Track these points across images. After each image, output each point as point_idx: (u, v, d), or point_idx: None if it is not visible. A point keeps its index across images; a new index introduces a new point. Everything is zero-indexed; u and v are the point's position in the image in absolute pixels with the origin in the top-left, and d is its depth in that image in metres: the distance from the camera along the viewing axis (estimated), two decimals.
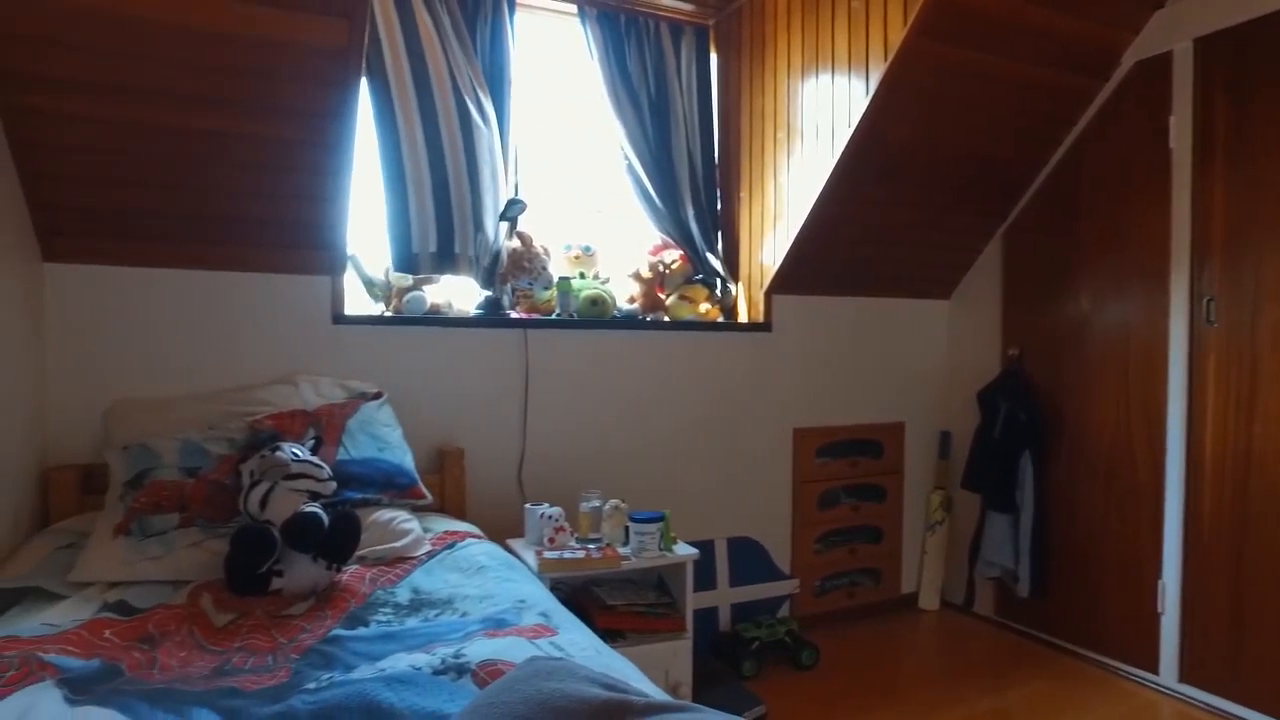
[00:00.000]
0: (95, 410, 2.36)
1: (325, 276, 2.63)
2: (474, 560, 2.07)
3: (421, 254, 2.81)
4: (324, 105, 2.22)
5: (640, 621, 2.41)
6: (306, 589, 1.88)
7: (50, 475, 2.27)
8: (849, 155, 2.83)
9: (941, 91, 2.81)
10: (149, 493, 2.05)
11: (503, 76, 3.05)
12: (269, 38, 2.04)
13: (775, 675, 2.94)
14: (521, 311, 3.00)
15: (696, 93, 3.43)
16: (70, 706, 1.20)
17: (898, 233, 3.30)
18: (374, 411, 2.52)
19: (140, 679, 1.37)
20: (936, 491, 3.68)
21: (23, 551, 1.98)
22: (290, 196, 2.41)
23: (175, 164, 2.24)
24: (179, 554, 1.96)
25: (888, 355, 3.62)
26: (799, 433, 3.38)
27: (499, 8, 3.06)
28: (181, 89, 2.09)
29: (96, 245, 2.35)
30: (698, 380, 3.21)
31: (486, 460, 2.81)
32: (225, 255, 2.49)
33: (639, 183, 3.28)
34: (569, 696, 0.98)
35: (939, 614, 3.65)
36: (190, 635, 1.63)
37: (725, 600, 3.15)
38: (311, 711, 1.23)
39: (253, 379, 2.52)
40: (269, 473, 2.04)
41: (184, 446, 2.18)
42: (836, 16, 2.84)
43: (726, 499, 3.25)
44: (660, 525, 2.45)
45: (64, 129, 2.09)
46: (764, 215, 3.24)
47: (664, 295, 3.30)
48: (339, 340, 2.65)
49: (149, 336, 2.44)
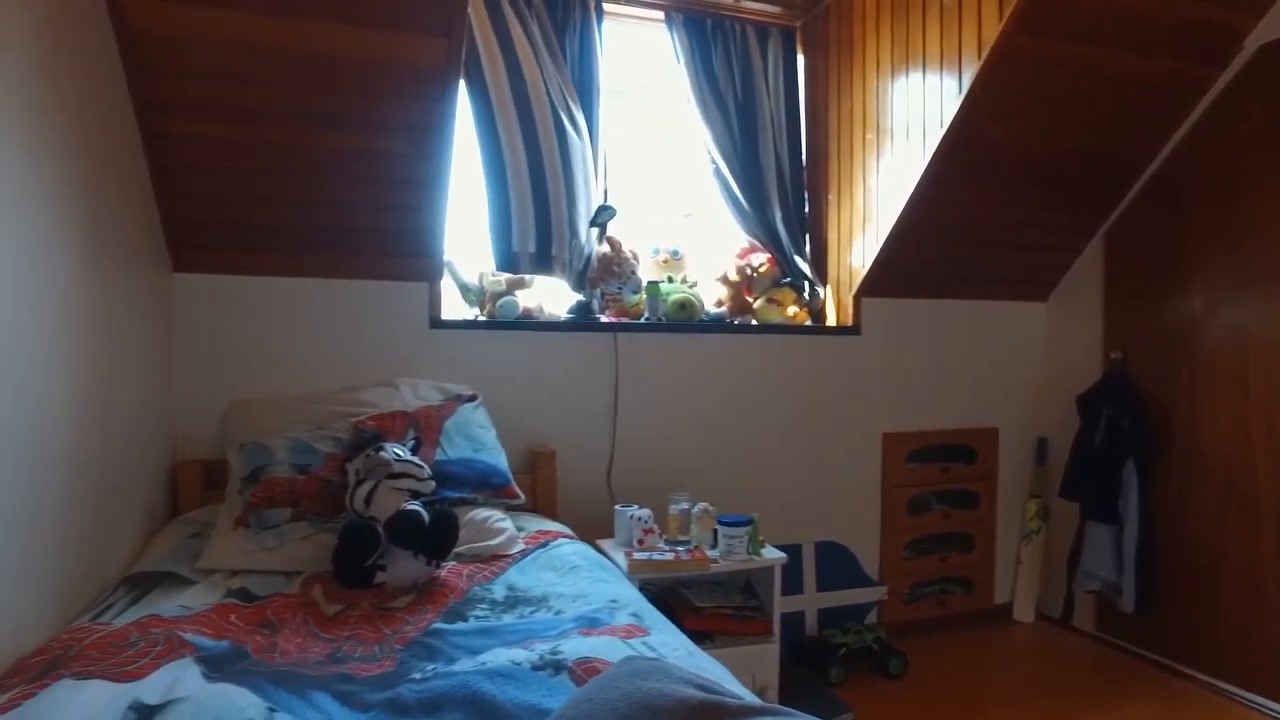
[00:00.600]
0: (216, 410, 2.54)
1: (423, 283, 2.76)
2: (567, 560, 2.14)
3: (521, 254, 2.89)
4: (425, 119, 2.33)
5: (728, 624, 2.43)
6: (408, 583, 1.98)
7: (178, 469, 2.46)
8: (941, 155, 2.78)
9: (1040, 87, 2.73)
10: (264, 488, 2.19)
11: (591, 84, 3.12)
12: (375, 57, 2.16)
13: (862, 683, 2.91)
14: (611, 315, 3.06)
15: (783, 95, 3.42)
16: (208, 682, 1.31)
17: (992, 233, 3.22)
18: (470, 413, 2.62)
19: (264, 661, 1.48)
20: (1032, 499, 3.57)
21: (158, 539, 2.16)
22: (392, 207, 2.53)
23: (290, 180, 2.39)
24: (292, 546, 2.09)
25: (980, 358, 3.53)
26: (888, 437, 3.34)
27: (587, 17, 3.13)
28: (297, 109, 2.23)
29: (219, 256, 2.53)
30: (785, 383, 3.20)
31: (577, 461, 2.88)
32: (332, 264, 2.64)
33: (726, 186, 3.30)
34: (666, 696, 1.02)
35: (1035, 626, 3.53)
36: (304, 623, 1.74)
37: (812, 605, 3.14)
38: (419, 700, 1.31)
39: (356, 381, 2.66)
40: (373, 471, 2.15)
41: (294, 445, 2.32)
42: (928, 14, 2.79)
43: (814, 503, 3.24)
44: (749, 529, 2.47)
45: (194, 151, 2.27)
46: (853, 217, 3.21)
47: (752, 298, 3.31)
48: (436, 344, 2.77)
49: (263, 341, 2.60)
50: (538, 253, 2.90)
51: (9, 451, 1.45)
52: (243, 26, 2.03)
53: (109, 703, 1.21)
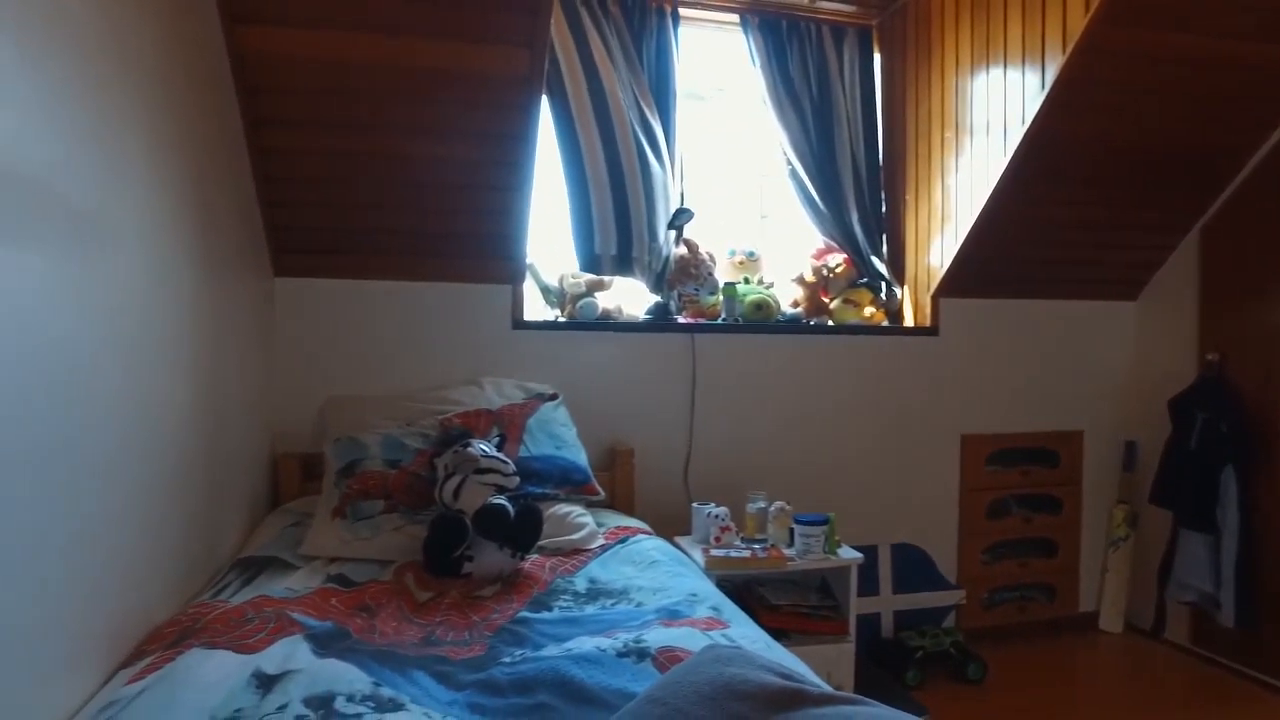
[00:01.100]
0: (312, 406, 2.69)
1: (506, 285, 2.86)
2: (646, 555, 2.20)
3: (603, 255, 2.98)
4: (509, 127, 2.43)
5: (804, 623, 2.45)
6: (494, 574, 2.08)
7: (278, 462, 2.62)
8: (1022, 154, 2.73)
9: (1129, 80, 2.66)
10: (358, 481, 2.32)
11: (668, 89, 3.18)
12: (462, 70, 2.27)
13: (939, 687, 2.89)
14: (688, 316, 3.11)
15: (860, 94, 3.41)
16: (318, 658, 1.42)
17: (1077, 232, 3.14)
18: (551, 411, 2.71)
19: (365, 641, 1.59)
20: (1120, 506, 3.46)
21: (262, 527, 2.32)
22: (477, 212, 2.64)
23: (382, 188, 2.53)
24: (385, 537, 2.21)
25: (1064, 360, 3.44)
26: (967, 439, 3.30)
27: (663, 23, 3.19)
28: (389, 121, 2.36)
29: (316, 261, 2.68)
30: (862, 384, 3.20)
31: (654, 459, 2.94)
32: (420, 267, 2.77)
33: (802, 187, 3.32)
34: (749, 681, 1.07)
35: (1123, 637, 3.43)
36: (399, 608, 1.85)
37: (888, 607, 3.12)
38: (510, 681, 1.39)
39: (443, 380, 2.78)
40: (460, 467, 2.25)
41: (386, 440, 2.45)
42: (1010, 8, 2.76)
43: (891, 505, 3.23)
44: (825, 528, 2.49)
45: (294, 163, 2.42)
46: (931, 217, 3.19)
47: (828, 299, 3.32)
48: (518, 344, 2.87)
49: (356, 340, 2.75)
50: (619, 255, 2.97)
51: (138, 446, 1.59)
52: (341, 46, 2.16)
53: (236, 670, 1.34)
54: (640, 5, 3.14)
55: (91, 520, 1.37)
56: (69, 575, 1.30)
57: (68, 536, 1.29)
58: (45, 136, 1.24)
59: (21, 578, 1.16)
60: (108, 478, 1.44)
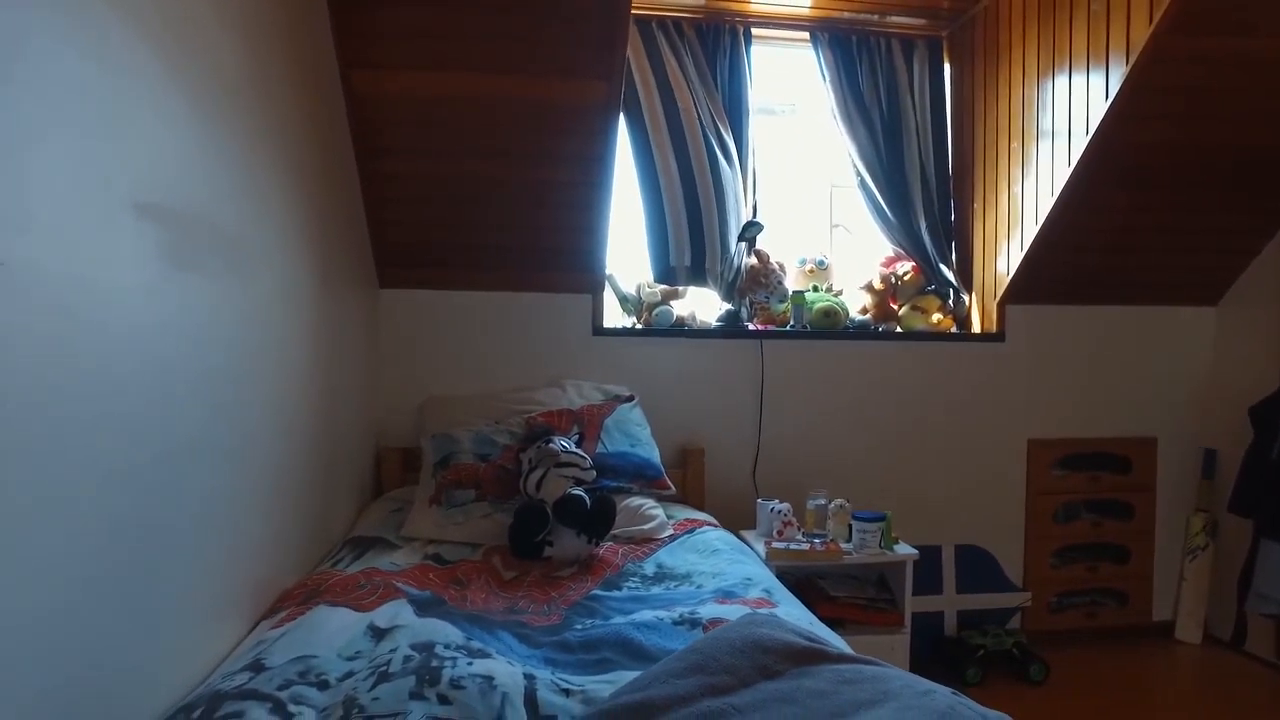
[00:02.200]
0: (411, 405, 3.01)
1: (587, 295, 3.13)
2: (710, 544, 2.42)
3: (677, 267, 3.21)
4: (589, 151, 2.69)
5: (860, 614, 2.62)
6: (571, 558, 2.33)
7: (381, 454, 2.95)
8: (1086, 162, 2.81)
9: (1198, 86, 2.70)
10: (452, 473, 2.62)
11: (741, 105, 3.38)
12: (547, 101, 2.54)
13: (1000, 686, 2.98)
14: (758, 323, 3.30)
15: (930, 104, 3.53)
16: (419, 617, 1.70)
17: (1148, 237, 3.18)
18: (627, 412, 2.95)
19: (458, 607, 1.86)
20: (1198, 514, 3.46)
21: (368, 511, 2.64)
22: (561, 228, 2.91)
23: (475, 207, 2.83)
24: (475, 523, 2.50)
25: (1137, 366, 3.47)
26: (1033, 444, 3.37)
27: (736, 43, 3.40)
28: (483, 147, 2.66)
29: (416, 274, 3.01)
30: (927, 388, 3.32)
31: (724, 458, 3.15)
32: (509, 279, 3.06)
33: (871, 197, 3.46)
34: (775, 639, 1.28)
35: (1201, 648, 3.42)
36: (487, 584, 2.12)
37: (951, 606, 3.23)
38: (580, 642, 1.63)
39: (528, 382, 3.06)
40: (543, 461, 2.51)
41: (477, 436, 2.74)
42: (1075, 19, 2.84)
43: (955, 506, 3.33)
44: (882, 525, 2.65)
45: (399, 186, 2.74)
46: (998, 225, 3.28)
47: (897, 306, 3.45)
48: (598, 349, 3.13)
49: (450, 346, 3.06)
50: (692, 266, 3.20)
51: (271, 437, 1.91)
52: (439, 84, 2.48)
53: (354, 622, 1.63)
54: (714, 27, 3.36)
55: (235, 503, 1.69)
56: (221, 546, 1.61)
57: (220, 516, 1.61)
58: (205, 179, 1.55)
59: (189, 548, 1.46)
60: (248, 467, 1.76)
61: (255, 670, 1.38)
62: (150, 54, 1.32)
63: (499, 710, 1.23)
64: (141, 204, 1.28)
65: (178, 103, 1.41)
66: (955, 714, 1.09)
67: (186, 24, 1.45)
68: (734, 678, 1.16)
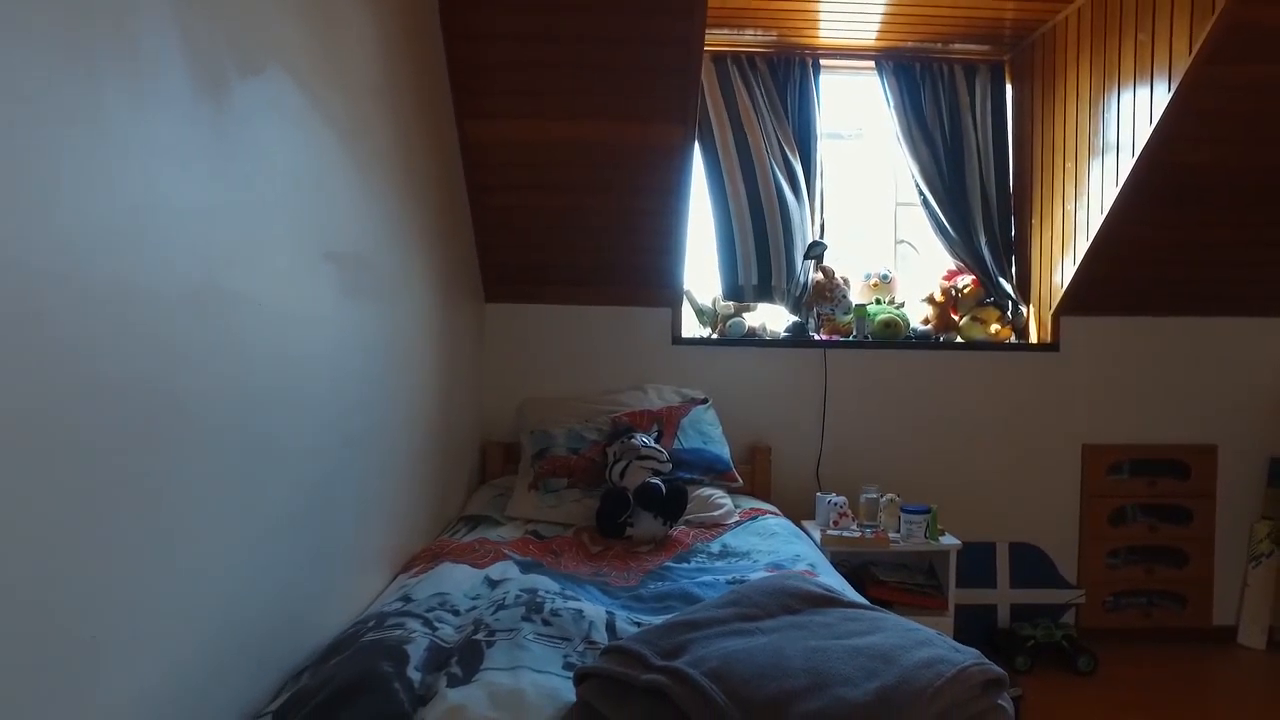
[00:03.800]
0: (511, 405, 3.51)
1: (667, 308, 3.56)
2: (770, 529, 2.81)
3: (745, 285, 3.62)
4: (667, 184, 3.13)
5: (907, 597, 2.96)
6: (649, 538, 2.75)
7: (486, 447, 3.46)
8: (1134, 180, 3.04)
9: (1242, 112, 2.91)
10: (547, 464, 3.09)
11: (810, 131, 3.75)
12: (632, 142, 3.00)
13: (1048, 675, 3.23)
14: (825, 334, 3.67)
15: (991, 125, 3.81)
16: (523, 574, 2.16)
17: (1207, 253, 3.38)
18: (701, 413, 3.37)
19: (553, 569, 2.32)
20: (1263, 521, 3.62)
21: (476, 495, 3.14)
22: (644, 250, 3.36)
23: (570, 233, 3.31)
24: (567, 506, 2.96)
25: (1196, 375, 3.66)
26: (1088, 448, 3.62)
27: (805, 73, 3.77)
28: (577, 181, 3.13)
29: (516, 290, 3.51)
30: (984, 395, 3.62)
31: (789, 456, 3.54)
32: (597, 294, 3.53)
33: (933, 214, 3.77)
34: (798, 588, 1.67)
35: (1266, 655, 3.57)
36: (577, 554, 2.57)
37: (1004, 600, 3.52)
38: (651, 595, 2.07)
39: (614, 385, 3.51)
40: (626, 454, 2.95)
41: (569, 433, 3.21)
42: (1124, 44, 3.09)
43: (1010, 506, 3.61)
44: (927, 517, 2.98)
45: (504, 216, 3.24)
46: (1054, 240, 3.55)
47: (957, 317, 3.75)
48: (676, 357, 3.56)
49: (547, 353, 3.55)
50: (759, 283, 3.59)
51: (407, 430, 2.41)
52: (539, 130, 2.97)
53: (473, 574, 2.11)
54: (784, 59, 3.74)
55: (383, 481, 2.19)
56: (373, 514, 2.11)
57: (374, 491, 2.11)
58: (364, 227, 2.05)
59: (354, 514, 1.96)
60: (392, 453, 2.26)
61: (405, 601, 1.87)
62: (334, 137, 1.82)
63: (587, 631, 1.68)
64: (329, 252, 1.78)
65: (349, 171, 1.92)
66: (930, 642, 1.46)
67: (352, 104, 1.95)
68: (761, 610, 1.56)
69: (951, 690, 1.33)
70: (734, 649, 1.38)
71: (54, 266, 0.97)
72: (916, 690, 1.30)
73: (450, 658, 1.54)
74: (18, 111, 0.91)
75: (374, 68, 2.10)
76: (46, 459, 0.97)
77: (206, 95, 1.29)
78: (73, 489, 1.01)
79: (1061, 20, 3.47)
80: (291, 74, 1.58)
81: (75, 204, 1.01)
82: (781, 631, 1.49)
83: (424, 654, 1.53)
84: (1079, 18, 3.37)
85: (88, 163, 1.02)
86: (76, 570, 1.02)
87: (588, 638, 1.67)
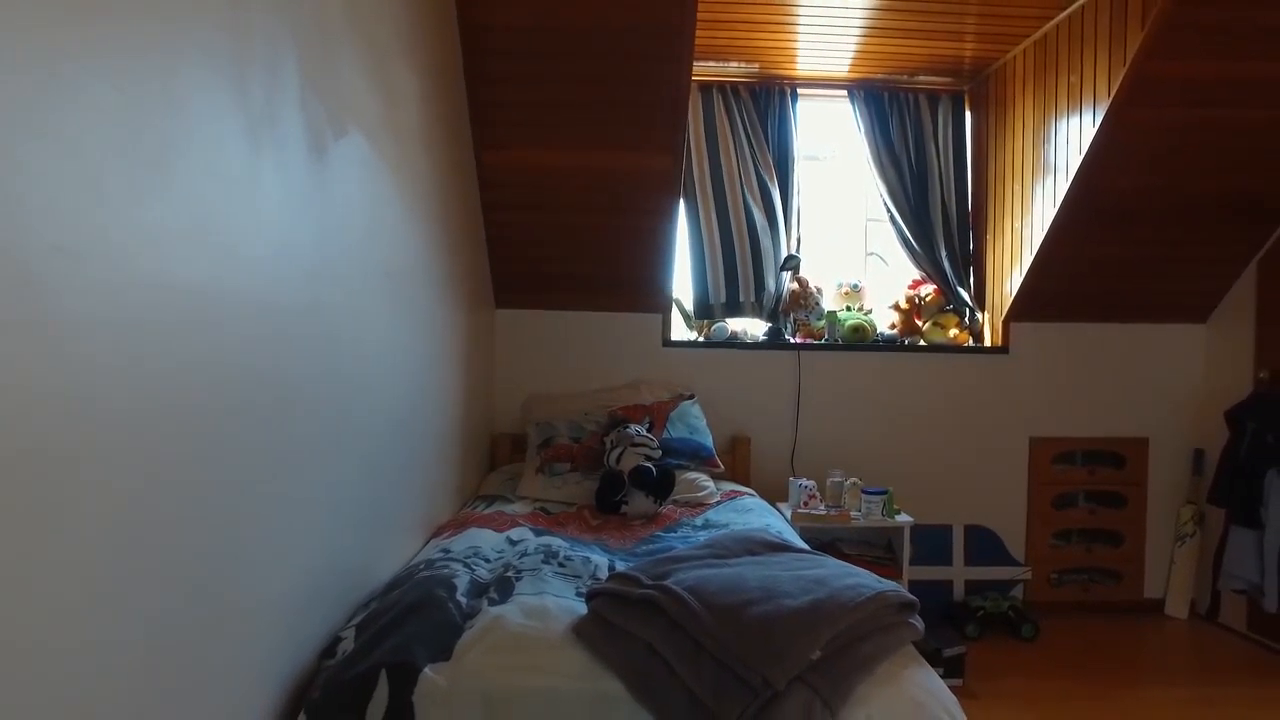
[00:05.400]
0: (519, 400, 3.98)
1: (658, 314, 4.05)
2: (746, 506, 3.29)
3: (715, 303, 4.12)
4: (657, 205, 3.61)
5: (867, 566, 3.42)
6: (641, 514, 3.23)
7: (495, 439, 3.94)
8: (1069, 204, 3.55)
9: (1155, 146, 3.40)
10: (552, 451, 3.57)
11: (788, 153, 4.25)
12: (625, 169, 3.48)
13: (995, 641, 3.74)
14: (799, 337, 4.15)
15: (952, 149, 4.32)
16: (536, 536, 2.64)
17: (1140, 265, 3.89)
18: (688, 407, 3.86)
19: (561, 534, 2.80)
20: (1188, 505, 4.13)
21: (489, 479, 3.63)
22: (636, 263, 3.85)
23: (571, 247, 3.79)
24: (570, 488, 3.44)
25: (1129, 376, 4.17)
26: (1035, 441, 4.12)
27: (784, 101, 4.27)
28: (576, 202, 3.61)
29: (524, 297, 3.99)
30: (943, 393, 4.12)
31: (766, 447, 4.02)
32: (595, 301, 4.01)
33: (899, 230, 4.26)
34: (760, 538, 2.16)
35: (1187, 622, 4.09)
36: (580, 526, 3.05)
37: (960, 576, 4.02)
38: (644, 552, 2.55)
39: (610, 383, 3.99)
40: (621, 442, 3.43)
41: (571, 424, 3.69)
42: (1059, 84, 3.58)
43: (966, 492, 4.12)
44: (884, 497, 3.47)
45: (513, 232, 3.73)
46: (1004, 254, 4.05)
47: (920, 322, 4.25)
48: (666, 358, 4.05)
49: (550, 354, 4.03)
50: (727, 300, 4.10)
51: (437, 419, 2.89)
52: (544, 157, 3.45)
53: (495, 536, 2.59)
54: (765, 89, 4.24)
55: (420, 458, 2.67)
56: (413, 486, 2.59)
57: (414, 468, 2.59)
58: (408, 246, 2.53)
59: (399, 486, 2.44)
60: (425, 438, 2.74)
61: (445, 553, 2.34)
62: (389, 174, 2.30)
63: (594, 571, 2.17)
64: (387, 271, 2.26)
65: (397, 202, 2.40)
66: (858, 575, 1.94)
67: (401, 146, 2.43)
68: (729, 552, 2.05)
69: (871, 605, 1.82)
70: (707, 574, 1.87)
71: (230, 287, 1.44)
72: (842, 602, 1.78)
73: (488, 588, 2.03)
74: (211, 183, 1.39)
75: (416, 114, 2.58)
76: (218, 431, 1.44)
77: (315, 156, 1.77)
78: (231, 452, 1.49)
79: (1011, 59, 3.99)
80: (364, 132, 2.06)
81: (248, 246, 1.48)
82: (744, 565, 1.98)
83: (468, 584, 2.01)
84: (1024, 57, 3.88)
85: (247, 211, 1.50)
86: (232, 510, 1.50)
87: (594, 575, 2.16)
